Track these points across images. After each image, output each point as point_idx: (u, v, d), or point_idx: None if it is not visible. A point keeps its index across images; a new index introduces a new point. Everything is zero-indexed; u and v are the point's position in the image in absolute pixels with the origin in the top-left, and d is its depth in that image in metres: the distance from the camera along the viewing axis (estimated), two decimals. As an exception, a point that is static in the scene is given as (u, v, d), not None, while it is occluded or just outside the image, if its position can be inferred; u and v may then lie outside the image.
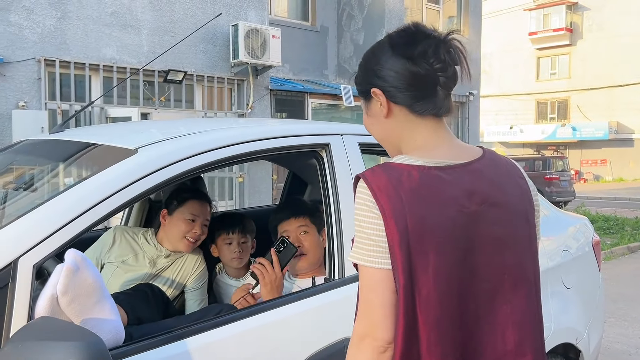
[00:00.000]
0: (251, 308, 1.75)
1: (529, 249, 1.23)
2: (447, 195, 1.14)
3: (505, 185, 1.22)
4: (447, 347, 1.12)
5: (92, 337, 1.12)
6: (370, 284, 1.12)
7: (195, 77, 8.66)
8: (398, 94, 1.20)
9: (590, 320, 2.71)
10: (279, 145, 1.95)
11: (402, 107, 1.21)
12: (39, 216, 1.36)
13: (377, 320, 1.11)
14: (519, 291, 1.20)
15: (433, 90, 1.20)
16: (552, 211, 2.86)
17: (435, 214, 1.11)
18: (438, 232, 1.11)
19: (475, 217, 1.15)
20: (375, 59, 1.24)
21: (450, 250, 1.12)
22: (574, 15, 29.05)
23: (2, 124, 7.01)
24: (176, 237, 2.33)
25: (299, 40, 11.69)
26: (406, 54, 1.18)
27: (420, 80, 1.19)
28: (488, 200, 1.17)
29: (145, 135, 1.83)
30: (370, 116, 1.28)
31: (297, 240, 2.20)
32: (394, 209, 1.10)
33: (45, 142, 2.05)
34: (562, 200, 16.30)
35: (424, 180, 1.14)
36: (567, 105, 29.62)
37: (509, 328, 1.18)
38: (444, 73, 1.19)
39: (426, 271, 1.10)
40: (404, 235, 1.09)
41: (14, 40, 7.04)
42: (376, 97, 1.23)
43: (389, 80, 1.20)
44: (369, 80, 1.24)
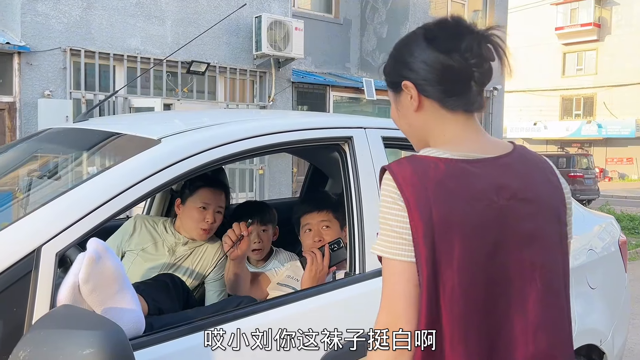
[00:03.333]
0: (272, 301, 1.75)
1: (559, 247, 1.19)
2: (475, 189, 1.11)
3: (536, 181, 1.19)
4: (471, 343, 1.10)
5: (112, 327, 1.13)
6: (393, 276, 1.11)
7: (218, 68, 8.69)
8: (430, 87, 1.17)
9: (615, 321, 2.66)
10: (301, 138, 1.93)
11: (433, 101, 1.18)
12: (63, 204, 1.37)
13: (399, 313, 1.09)
14: (550, 290, 1.17)
15: (467, 86, 1.17)
16: (578, 209, 2.81)
17: (461, 206, 1.09)
18: (464, 225, 1.09)
19: (504, 212, 1.12)
20: (408, 51, 1.20)
21: (476, 244, 1.10)
22: (603, 10, 28.47)
23: (28, 112, 7.11)
24: (190, 226, 2.34)
25: (322, 33, 11.65)
26: (442, 47, 1.15)
27: (454, 75, 1.16)
28: (517, 195, 1.14)
29: (168, 126, 1.83)
30: (399, 109, 1.25)
31: (319, 234, 2.19)
32: (419, 201, 1.08)
33: (70, 131, 2.07)
34: (586, 198, 16.05)
35: (450, 173, 1.11)
36: (593, 102, 29.10)
37: (541, 328, 1.15)
38: (479, 68, 1.16)
39: (451, 264, 1.08)
40: (429, 227, 1.07)
41: (40, 30, 7.13)
42: (407, 90, 1.19)
43: (421, 74, 1.17)
44: (400, 72, 1.21)
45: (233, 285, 2.16)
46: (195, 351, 1.43)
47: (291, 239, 2.70)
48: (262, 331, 1.59)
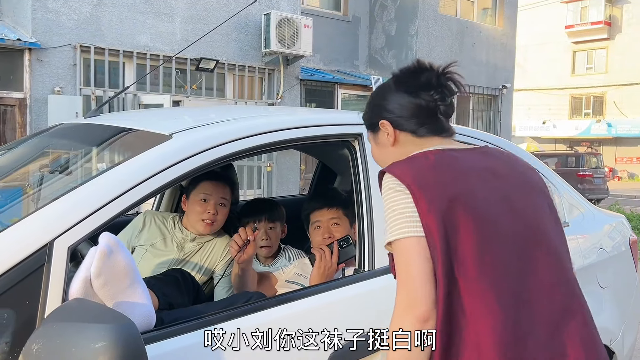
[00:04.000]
0: (281, 297, 1.75)
1: (550, 216, 1.34)
2: (466, 167, 1.27)
3: (516, 163, 1.38)
4: (493, 310, 1.16)
5: (124, 320, 1.13)
6: (406, 254, 1.19)
7: (227, 65, 8.71)
8: (404, 122, 1.36)
9: (625, 321, 2.65)
10: (311, 135, 1.93)
11: (407, 133, 1.37)
12: (75, 199, 1.37)
13: (417, 289, 1.16)
14: (555, 253, 1.28)
15: (435, 117, 1.36)
16: (588, 208, 2.79)
17: (457, 182, 1.23)
18: (463, 198, 1.20)
19: (497, 185, 1.27)
20: (382, 96, 1.42)
21: (479, 213, 1.20)
22: (613, 9, 28.24)
23: (39, 108, 7.16)
24: (194, 220, 2.35)
25: (330, 30, 11.64)
26: (408, 89, 1.36)
27: (423, 110, 1.35)
28: (501, 173, 1.31)
29: (179, 121, 1.84)
30: (379, 146, 1.44)
31: (328, 231, 2.19)
32: (419, 183, 1.21)
33: (81, 126, 2.08)
34: (594, 198, 15.94)
35: (440, 158, 1.29)
36: (602, 101, 28.89)
37: (555, 286, 1.24)
38: (443, 102, 1.36)
39: (460, 234, 1.17)
40: (433, 202, 1.18)
41: (51, 27, 7.17)
42: (384, 127, 1.39)
43: (395, 112, 1.37)
44: (377, 114, 1.41)
45: (240, 288, 2.17)
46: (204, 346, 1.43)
47: (299, 235, 2.70)
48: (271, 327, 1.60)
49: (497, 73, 13.96)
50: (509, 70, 14.39)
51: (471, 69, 13.04)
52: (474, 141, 2.35)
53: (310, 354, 1.62)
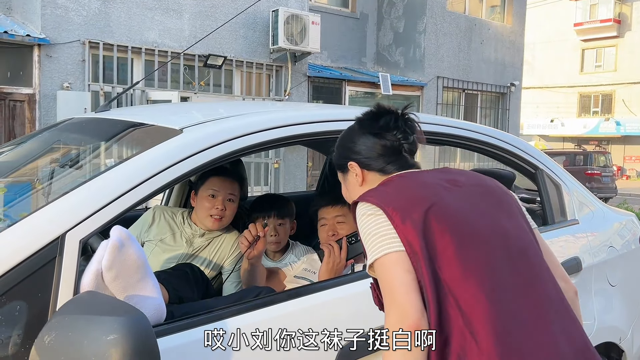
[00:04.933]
0: (291, 291, 1.75)
1: (521, 218, 1.38)
2: (429, 181, 1.35)
3: (479, 176, 1.45)
4: (481, 295, 1.19)
5: (136, 313, 1.14)
6: (387, 270, 1.21)
7: (235, 62, 8.71)
8: (371, 162, 1.44)
9: (635, 319, 2.63)
10: (320, 130, 1.93)
11: (375, 172, 1.44)
12: (86, 193, 1.38)
13: (404, 301, 1.17)
14: (529, 252, 1.32)
15: (400, 155, 1.43)
16: (598, 206, 2.78)
17: (422, 192, 1.30)
18: (429, 204, 1.25)
19: (461, 190, 1.34)
20: (349, 138, 1.49)
21: (449, 216, 1.25)
22: (623, 6, 28.03)
23: (48, 104, 7.19)
24: (202, 215, 2.35)
25: (338, 27, 11.62)
26: (372, 130, 1.44)
27: (388, 150, 1.42)
28: (466, 183, 1.38)
29: (188, 117, 1.84)
30: (348, 186, 1.51)
31: (333, 229, 2.19)
32: (391, 202, 1.27)
33: (92, 121, 2.08)
34: (603, 196, 15.82)
35: (402, 179, 1.37)
36: (611, 99, 28.70)
37: (538, 284, 1.28)
38: (406, 141, 1.43)
39: (438, 238, 1.22)
40: (407, 215, 1.23)
41: (60, 23, 7.20)
42: (352, 168, 1.46)
43: (362, 153, 1.45)
44: (345, 156, 1.49)
45: (249, 283, 2.17)
46: (215, 340, 1.44)
47: (307, 232, 2.70)
48: (281, 322, 1.60)
49: (505, 71, 13.90)
50: (517, 67, 14.33)
51: (479, 66, 12.99)
52: (483, 137, 2.34)
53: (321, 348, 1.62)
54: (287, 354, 1.58)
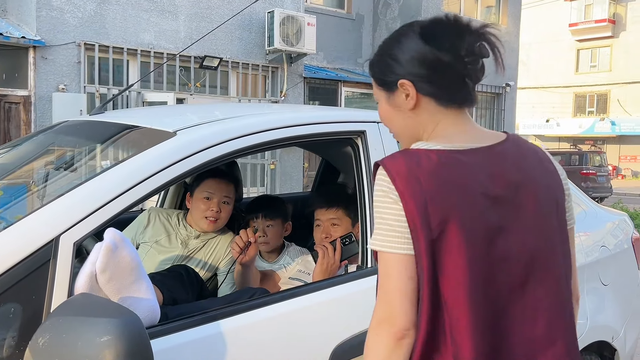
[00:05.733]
0: (285, 292, 1.76)
1: (557, 233, 1.20)
2: (469, 178, 1.11)
3: (532, 167, 1.19)
4: (475, 330, 1.10)
5: (130, 315, 1.14)
6: (389, 269, 1.11)
7: (231, 63, 8.72)
8: (427, 85, 1.16)
9: (628, 318, 2.65)
10: (315, 132, 1.94)
11: (430, 98, 1.18)
12: (80, 195, 1.39)
13: (396, 306, 1.09)
14: (550, 275, 1.17)
15: (462, 82, 1.17)
16: (591, 206, 2.80)
17: (456, 195, 1.09)
18: (460, 214, 1.08)
19: (500, 200, 1.13)
20: (402, 48, 1.19)
21: (474, 232, 1.09)
22: (618, 7, 28.14)
23: (43, 106, 7.18)
24: (198, 218, 2.36)
25: (334, 28, 11.64)
26: (438, 45, 1.15)
27: (451, 72, 1.16)
28: (513, 183, 1.15)
29: (183, 119, 1.85)
30: (392, 108, 1.24)
31: (327, 231, 2.20)
32: (413, 192, 1.08)
33: (86, 123, 2.09)
34: (598, 196, 15.93)
35: (443, 163, 1.11)
36: (606, 99, 28.80)
37: (540, 313, 1.15)
38: (474, 66, 1.16)
39: (450, 252, 1.08)
40: (425, 217, 1.07)
41: (55, 24, 7.19)
42: (404, 88, 1.18)
43: (418, 72, 1.16)
44: (395, 70, 1.19)
45: (242, 286, 2.19)
46: (209, 341, 1.45)
47: (303, 233, 2.71)
48: (275, 323, 1.61)
49: (498, 72, 13.90)
50: (512, 68, 14.37)
51: (475, 67, 13.02)
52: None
53: (313, 348, 1.63)
54: (283, 353, 1.59)
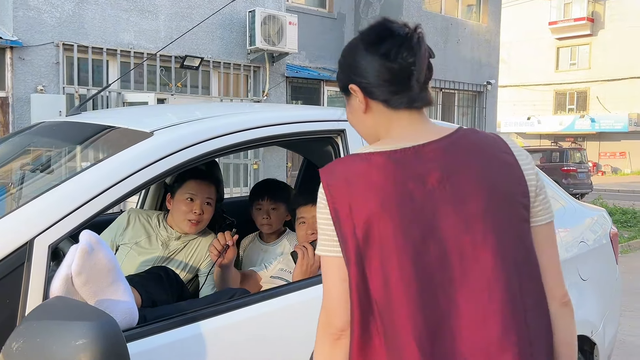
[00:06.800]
0: (265, 293, 1.75)
1: (510, 229, 1.15)
2: (396, 178, 1.12)
3: (479, 161, 1.17)
4: (409, 333, 1.09)
5: (106, 318, 1.13)
6: (325, 272, 1.18)
7: (212, 63, 8.67)
8: (374, 89, 1.20)
9: (606, 312, 2.68)
10: (293, 131, 1.93)
11: (379, 102, 1.22)
12: (55, 197, 1.37)
13: (332, 308, 1.16)
14: (497, 276, 1.11)
15: (408, 84, 1.19)
16: (569, 202, 2.83)
17: (380, 198, 1.11)
18: (386, 215, 1.10)
19: (433, 197, 1.12)
20: (351, 56, 1.25)
21: (403, 232, 1.10)
22: (596, 5, 28.51)
23: (21, 107, 7.08)
24: (179, 219, 2.35)
25: (316, 27, 11.63)
26: (379, 50, 1.18)
27: (395, 75, 1.18)
28: (448, 179, 1.13)
29: (161, 119, 1.83)
30: (351, 112, 1.29)
31: (312, 228, 2.20)
32: (339, 197, 1.14)
33: (62, 124, 2.06)
34: (579, 192, 16.12)
35: (374, 166, 1.14)
36: (586, 97, 29.18)
37: (491, 318, 1.10)
38: (417, 67, 1.18)
39: (377, 255, 1.10)
40: (349, 220, 1.11)
41: (32, 25, 7.09)
42: (355, 93, 1.24)
43: (365, 77, 1.21)
44: (347, 77, 1.25)
45: (222, 287, 2.18)
46: (188, 343, 1.44)
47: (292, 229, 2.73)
48: (256, 323, 1.61)
49: (481, 69, 14.04)
50: (493, 66, 14.48)
51: (456, 65, 13.11)
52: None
53: (294, 348, 1.63)
54: (263, 354, 1.58)
